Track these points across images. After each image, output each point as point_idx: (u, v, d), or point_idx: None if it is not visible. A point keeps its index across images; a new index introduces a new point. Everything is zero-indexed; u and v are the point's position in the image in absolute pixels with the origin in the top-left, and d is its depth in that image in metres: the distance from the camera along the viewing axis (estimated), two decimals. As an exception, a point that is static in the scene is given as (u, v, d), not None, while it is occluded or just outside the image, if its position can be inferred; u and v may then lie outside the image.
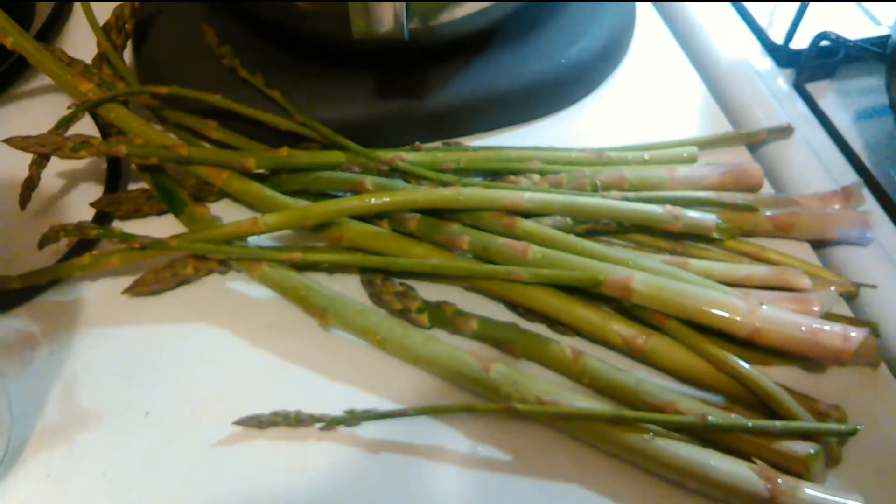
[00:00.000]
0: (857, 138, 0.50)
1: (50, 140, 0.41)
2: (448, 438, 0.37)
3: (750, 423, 0.34)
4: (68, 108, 0.42)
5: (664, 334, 0.38)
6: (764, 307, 0.36)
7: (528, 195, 0.40)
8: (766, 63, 0.53)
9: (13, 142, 0.41)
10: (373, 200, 0.39)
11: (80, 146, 0.40)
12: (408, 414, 0.36)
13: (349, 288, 0.41)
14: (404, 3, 0.36)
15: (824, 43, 0.51)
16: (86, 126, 0.46)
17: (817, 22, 0.53)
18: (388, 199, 0.39)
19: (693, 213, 0.41)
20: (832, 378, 0.38)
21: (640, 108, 0.50)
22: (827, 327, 0.36)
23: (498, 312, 0.40)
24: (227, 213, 0.44)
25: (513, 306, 0.40)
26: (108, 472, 0.36)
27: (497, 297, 0.40)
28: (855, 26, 0.54)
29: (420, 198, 0.40)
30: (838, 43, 0.50)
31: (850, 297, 0.41)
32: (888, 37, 0.49)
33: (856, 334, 0.36)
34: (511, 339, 0.38)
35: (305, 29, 0.44)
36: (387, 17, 0.36)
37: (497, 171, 0.44)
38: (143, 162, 0.41)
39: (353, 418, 0.36)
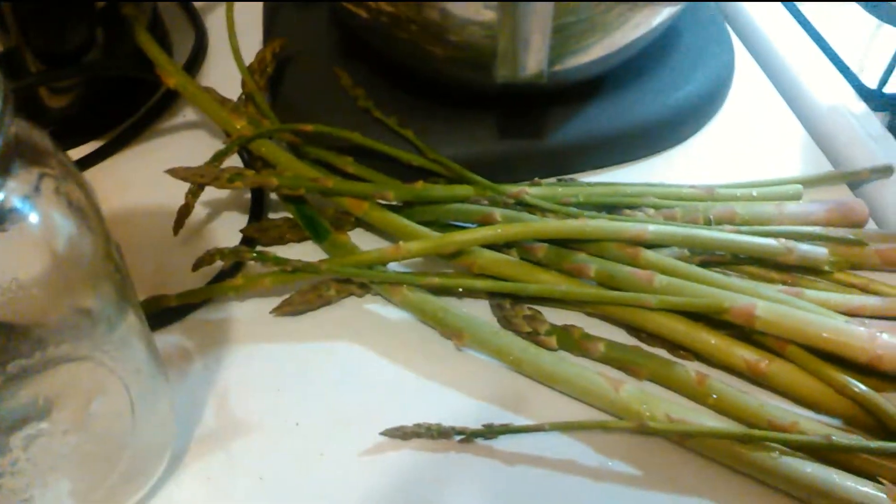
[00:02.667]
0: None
1: (208, 172, 0.45)
2: (580, 453, 0.39)
3: (874, 444, 0.36)
4: (223, 141, 0.46)
5: (785, 359, 0.40)
6: (885, 335, 0.38)
7: (651, 227, 0.43)
8: (860, 107, 0.56)
9: (176, 172, 0.45)
10: (506, 230, 0.42)
11: (235, 177, 0.44)
12: (544, 429, 0.38)
13: (479, 312, 0.44)
14: (548, 49, 0.39)
15: (919, 88, 0.53)
16: (232, 160, 0.50)
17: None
18: (520, 230, 0.43)
19: (805, 247, 0.43)
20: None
21: (742, 148, 0.53)
22: (947, 355, 0.38)
23: (619, 336, 0.43)
24: (361, 241, 0.47)
25: (634, 331, 0.43)
26: (264, 476, 0.39)
27: (619, 323, 0.43)
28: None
29: (550, 228, 0.43)
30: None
31: (959, 329, 0.43)
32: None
33: (975, 362, 0.37)
34: (637, 362, 0.41)
35: (436, 73, 0.48)
36: (532, 64, 0.40)
37: (613, 206, 0.47)
38: (291, 192, 0.45)
39: (491, 431, 0.39)
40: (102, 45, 0.49)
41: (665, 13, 0.45)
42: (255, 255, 0.43)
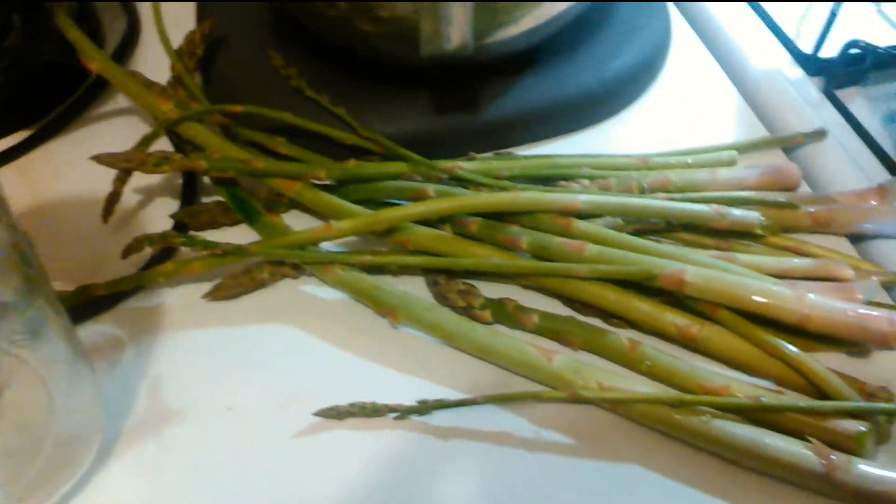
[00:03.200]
0: (887, 140, 0.52)
1: (134, 157, 0.44)
2: (514, 425, 0.39)
3: (801, 403, 0.37)
4: (152, 126, 0.45)
5: (716, 323, 0.40)
6: (812, 295, 0.38)
7: (583, 197, 0.42)
8: (796, 72, 0.56)
9: (101, 158, 0.44)
10: (438, 205, 0.42)
11: (162, 161, 0.44)
12: (477, 402, 0.38)
13: (414, 288, 0.43)
14: (471, 21, 0.39)
15: (853, 50, 0.53)
16: (162, 144, 0.49)
17: (842, 31, 0.55)
18: (452, 204, 0.42)
19: (737, 212, 0.43)
20: (878, 362, 0.40)
21: (678, 117, 0.53)
22: (874, 312, 0.38)
23: (554, 307, 0.43)
24: (294, 222, 0.46)
25: (569, 301, 0.43)
26: (196, 462, 0.39)
27: (554, 294, 0.43)
28: (881, 33, 0.57)
29: (482, 202, 0.42)
30: (867, 50, 0.53)
31: (889, 286, 0.43)
32: (915, 43, 0.52)
33: (901, 318, 0.38)
34: (570, 332, 0.41)
35: (367, 49, 0.47)
36: (455, 35, 0.39)
37: (549, 178, 0.46)
38: (220, 175, 0.44)
39: (425, 407, 0.39)
40: (21, 30, 0.47)
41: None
42: (183, 239, 0.42)
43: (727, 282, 0.39)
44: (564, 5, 0.46)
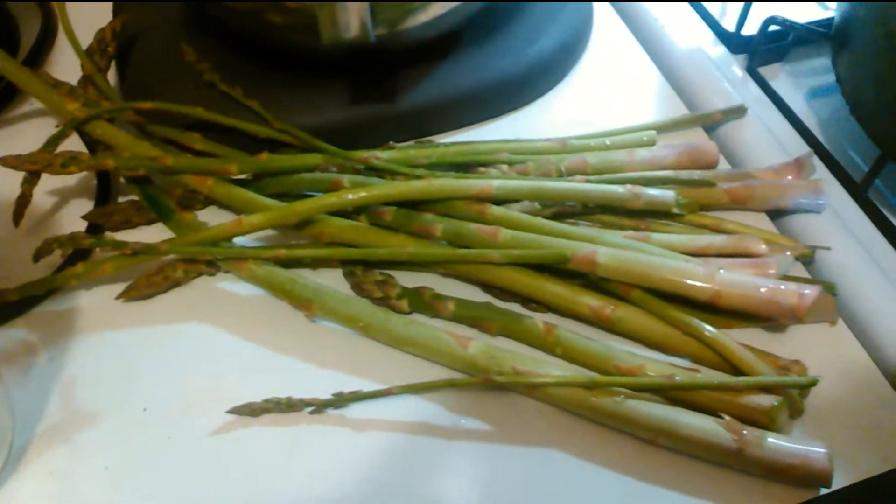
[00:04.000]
0: (809, 116, 0.52)
1: (40, 158, 0.43)
2: (432, 414, 0.39)
3: (714, 380, 0.37)
4: (56, 126, 0.44)
5: (630, 304, 0.40)
6: (723, 271, 0.38)
7: (496, 183, 0.42)
8: (719, 50, 0.56)
9: (4, 161, 0.43)
10: (350, 196, 0.41)
11: (69, 162, 0.43)
12: (392, 393, 0.38)
13: (332, 281, 0.43)
14: (368, 8, 0.38)
15: (773, 27, 0.53)
16: (75, 145, 0.48)
17: (767, 8, 0.55)
18: (364, 194, 0.42)
19: (653, 191, 0.43)
20: (793, 337, 0.41)
21: (601, 99, 0.52)
22: (783, 286, 0.38)
23: (474, 294, 0.42)
24: (213, 219, 0.45)
25: (487, 288, 0.42)
26: (109, 465, 0.38)
27: (472, 281, 0.43)
28: (804, 11, 0.57)
29: (394, 191, 0.42)
30: (787, 27, 0.53)
31: (806, 260, 0.44)
32: (833, 19, 0.52)
33: (810, 291, 0.38)
34: (487, 318, 0.40)
35: (277, 41, 0.47)
36: (353, 23, 0.38)
37: (467, 164, 0.46)
38: (131, 174, 0.44)
39: (341, 400, 0.38)
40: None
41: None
42: (92, 240, 0.41)
43: (638, 261, 0.39)
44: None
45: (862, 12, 0.45)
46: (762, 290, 0.38)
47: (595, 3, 0.57)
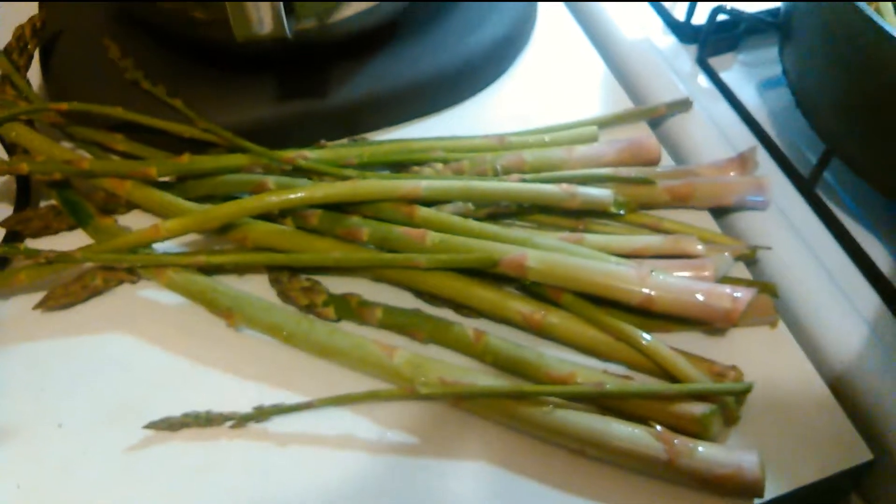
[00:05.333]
0: (760, 108, 0.51)
1: (-49, 163, 0.41)
2: (357, 427, 0.37)
3: (644, 388, 0.35)
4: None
5: (562, 309, 0.38)
6: (655, 274, 0.37)
7: (425, 183, 0.40)
8: (669, 41, 0.54)
9: (-87, 167, 0.41)
10: (272, 199, 0.40)
11: (-20, 166, 0.41)
12: (314, 406, 0.37)
13: (258, 288, 0.41)
14: (281, 3, 0.36)
15: (722, 17, 0.52)
16: (-4, 149, 0.46)
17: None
18: (287, 197, 0.40)
19: (589, 190, 0.42)
20: (733, 340, 0.39)
21: (544, 93, 0.51)
22: (717, 289, 0.37)
23: (405, 300, 0.41)
24: (139, 223, 0.44)
25: (418, 293, 0.41)
26: (21, 483, 0.36)
27: (403, 286, 0.41)
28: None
29: (318, 193, 0.40)
30: (735, 16, 0.51)
31: (749, 260, 0.42)
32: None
33: (743, 294, 0.36)
34: (415, 325, 0.39)
35: (201, 37, 0.45)
36: (265, 19, 0.37)
37: (401, 163, 0.44)
38: (46, 178, 0.42)
39: (262, 413, 0.37)
40: None
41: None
42: (4, 248, 0.40)
43: (568, 265, 0.37)
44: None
45: (803, 4, 0.44)
46: (695, 293, 0.36)
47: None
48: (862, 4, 0.38)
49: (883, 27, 0.37)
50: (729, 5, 0.51)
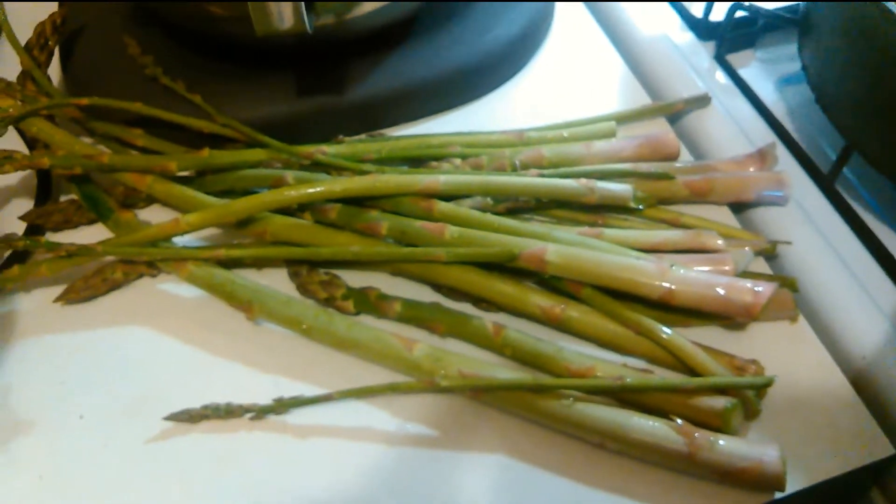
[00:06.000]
0: (778, 104, 0.50)
1: (-27, 157, 0.41)
2: (376, 419, 0.37)
3: (664, 382, 0.35)
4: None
5: (582, 303, 0.38)
6: (676, 268, 0.37)
7: (443, 178, 0.41)
8: (687, 38, 0.54)
9: (-63, 160, 0.41)
10: (291, 193, 0.40)
11: (2, 161, 0.41)
12: (333, 398, 0.37)
13: (277, 281, 0.41)
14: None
15: (740, 13, 0.52)
16: (15, 144, 0.46)
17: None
18: (306, 191, 0.40)
19: (609, 185, 0.42)
20: (752, 335, 0.39)
21: (563, 89, 0.51)
22: (738, 284, 0.37)
23: (423, 294, 0.41)
24: (158, 217, 0.44)
25: (437, 287, 0.41)
26: (44, 474, 0.37)
27: (422, 280, 0.41)
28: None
29: (337, 187, 0.40)
30: (753, 12, 0.51)
31: (769, 255, 0.42)
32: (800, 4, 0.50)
33: (764, 288, 0.36)
34: (434, 319, 0.39)
35: (219, 33, 0.45)
36: (286, 14, 0.37)
37: (419, 158, 0.44)
38: (67, 172, 0.42)
39: (281, 406, 0.37)
40: None
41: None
42: (25, 242, 0.40)
43: (588, 259, 0.37)
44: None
45: (823, 2, 0.43)
46: (715, 287, 0.36)
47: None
48: (886, 3, 0.37)
49: (905, 20, 0.37)
50: (747, 3, 0.51)
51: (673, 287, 0.36)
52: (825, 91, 0.46)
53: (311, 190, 0.40)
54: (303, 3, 0.37)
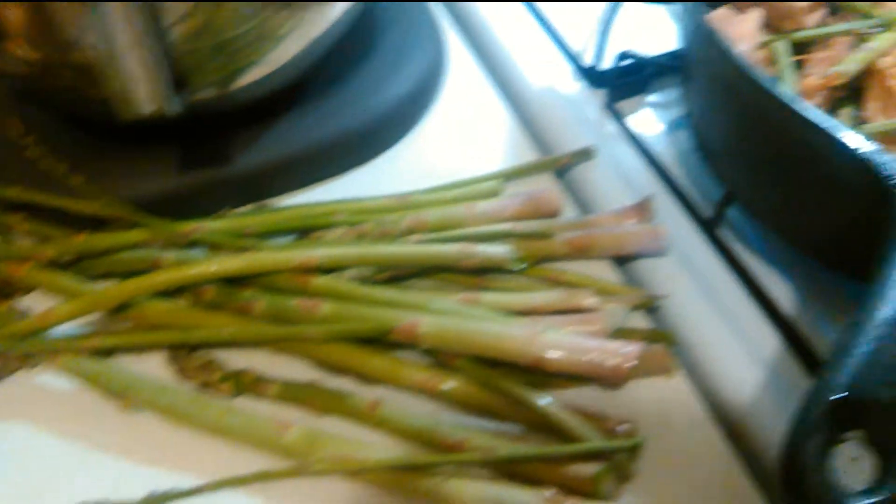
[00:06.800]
0: (667, 150, 0.51)
1: None
2: (255, 507, 0.37)
3: (532, 451, 0.35)
4: None
5: (459, 373, 0.38)
6: (547, 334, 0.37)
7: (320, 252, 0.40)
8: (580, 86, 0.54)
9: None
10: (162, 277, 0.40)
11: None
12: (205, 490, 0.36)
13: (158, 366, 0.41)
14: (164, 80, 0.37)
15: (628, 61, 0.52)
16: None
17: (631, 40, 0.54)
18: (179, 274, 0.40)
19: (488, 248, 0.42)
20: (631, 392, 0.39)
21: (454, 147, 0.51)
22: (607, 346, 0.37)
23: (308, 370, 0.41)
24: (41, 303, 0.43)
25: (319, 362, 0.41)
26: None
27: (303, 356, 0.41)
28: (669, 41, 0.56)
29: (212, 268, 0.40)
30: (639, 60, 0.52)
31: (649, 308, 0.42)
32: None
33: (631, 350, 0.36)
34: (310, 398, 0.39)
35: (97, 113, 0.45)
36: (147, 98, 0.37)
37: (305, 229, 0.44)
38: (-64, 267, 0.41)
39: (154, 501, 0.36)
40: None
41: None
42: None
43: (460, 330, 0.37)
44: (298, 47, 0.44)
45: (692, 51, 0.44)
46: (584, 351, 0.36)
47: (451, 45, 0.56)
48: (740, 55, 0.38)
49: (758, 80, 0.37)
50: (634, 49, 0.51)
51: (543, 353, 0.36)
52: (705, 138, 0.46)
53: (184, 273, 0.40)
54: (166, 85, 0.37)
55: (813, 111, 0.35)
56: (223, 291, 0.40)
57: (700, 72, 0.45)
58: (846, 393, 0.27)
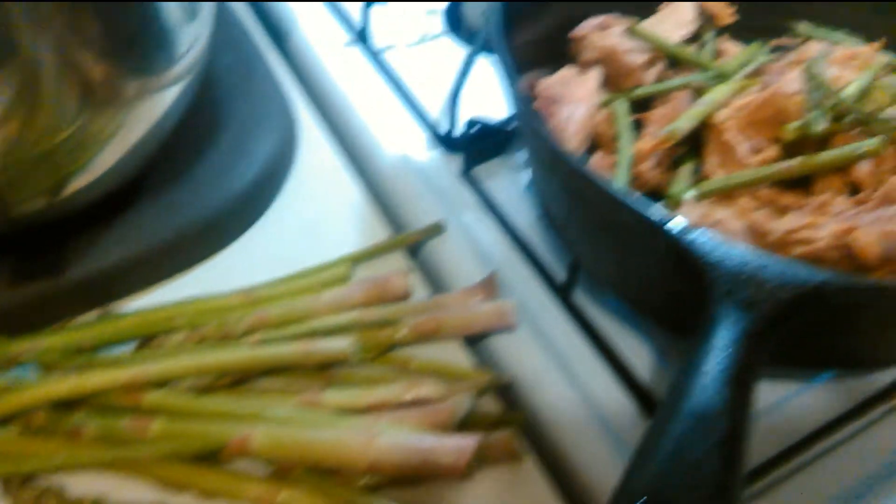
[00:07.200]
0: (521, 216, 0.50)
1: None
2: None
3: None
4: None
5: (298, 483, 0.37)
6: (383, 436, 0.36)
7: (154, 367, 0.39)
8: (434, 154, 0.54)
9: None
10: (-18, 408, 0.38)
11: None
12: None
13: (-5, 498, 0.39)
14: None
15: (477, 127, 0.52)
16: None
17: (488, 104, 0.54)
18: (7, 402, 0.38)
19: (328, 344, 0.41)
20: (481, 481, 0.39)
21: (306, 231, 0.50)
22: (441, 444, 0.36)
23: (151, 491, 0.39)
24: None
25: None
26: None
27: (143, 476, 0.39)
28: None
29: (39, 392, 0.38)
30: (485, 127, 0.52)
31: (500, 387, 0.42)
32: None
33: (467, 443, 0.36)
34: (148, 522, 0.37)
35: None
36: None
37: (145, 336, 0.43)
38: None
39: None
40: None
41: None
42: None
43: (295, 440, 0.37)
44: (125, 147, 0.42)
45: (518, 123, 0.44)
46: (418, 451, 0.36)
47: (303, 124, 0.55)
48: (550, 132, 0.38)
49: (566, 159, 0.37)
50: (483, 115, 0.52)
51: (378, 457, 0.36)
52: (546, 205, 0.46)
53: (10, 401, 0.38)
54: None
55: (618, 188, 0.35)
56: (53, 416, 0.39)
57: (527, 143, 0.45)
58: (644, 498, 0.27)
